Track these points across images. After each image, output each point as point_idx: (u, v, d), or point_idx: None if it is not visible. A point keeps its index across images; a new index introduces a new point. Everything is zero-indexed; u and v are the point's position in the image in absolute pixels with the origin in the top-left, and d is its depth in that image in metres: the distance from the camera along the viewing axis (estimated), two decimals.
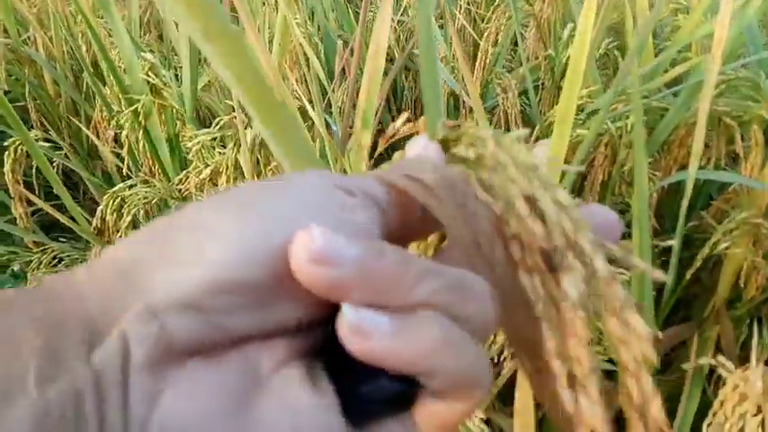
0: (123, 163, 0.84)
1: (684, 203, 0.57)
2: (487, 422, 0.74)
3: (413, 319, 0.15)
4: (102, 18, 1.04)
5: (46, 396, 0.13)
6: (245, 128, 0.62)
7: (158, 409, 0.14)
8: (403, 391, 0.16)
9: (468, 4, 1.21)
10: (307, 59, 0.61)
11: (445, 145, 0.21)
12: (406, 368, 0.15)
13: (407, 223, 0.18)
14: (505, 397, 0.83)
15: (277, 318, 0.15)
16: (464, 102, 1.00)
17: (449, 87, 1.13)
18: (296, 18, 0.62)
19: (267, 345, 0.16)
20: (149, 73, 0.69)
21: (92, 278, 0.15)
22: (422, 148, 0.20)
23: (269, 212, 0.16)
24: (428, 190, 0.17)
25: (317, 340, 0.17)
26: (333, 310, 0.15)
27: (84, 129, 0.94)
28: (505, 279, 0.18)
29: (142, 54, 0.69)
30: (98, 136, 1.18)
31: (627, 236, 0.75)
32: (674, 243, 0.56)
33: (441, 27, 1.21)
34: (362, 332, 0.15)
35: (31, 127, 1.34)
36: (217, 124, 0.69)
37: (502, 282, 0.17)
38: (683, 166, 0.78)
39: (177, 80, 0.76)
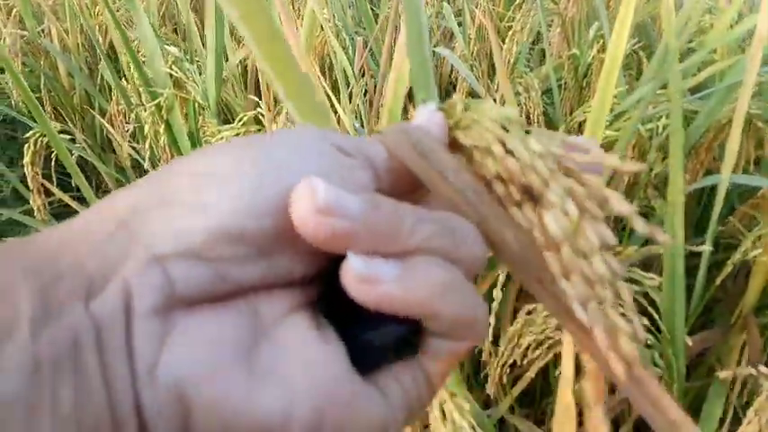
0: (140, 156, 0.83)
1: (717, 208, 0.56)
2: (503, 423, 0.74)
3: (414, 263, 0.16)
4: (118, 11, 1.03)
5: (37, 344, 0.12)
6: (272, 124, 0.61)
7: (166, 353, 0.14)
8: (407, 334, 0.16)
9: (488, 1, 1.20)
10: (335, 54, 0.61)
11: None
12: (411, 311, 0.16)
13: (398, 188, 0.19)
14: (523, 401, 0.82)
15: (279, 269, 0.15)
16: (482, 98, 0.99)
17: (468, 86, 1.12)
18: (324, 13, 0.61)
19: (272, 295, 0.16)
20: (173, 66, 0.68)
21: (87, 228, 0.15)
22: (427, 117, 0.20)
23: (270, 164, 0.16)
24: (416, 154, 0.18)
25: (318, 294, 0.17)
26: (330, 265, 0.16)
27: (102, 122, 0.93)
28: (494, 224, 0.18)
29: (166, 47, 0.68)
30: (113, 128, 1.18)
31: (652, 241, 0.74)
32: (705, 248, 0.55)
33: (459, 24, 1.20)
34: (371, 279, 0.15)
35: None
36: (240, 120, 0.68)
37: (491, 232, 0.18)
38: (709, 171, 0.77)
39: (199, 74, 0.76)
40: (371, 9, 1.35)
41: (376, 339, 0.16)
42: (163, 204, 0.15)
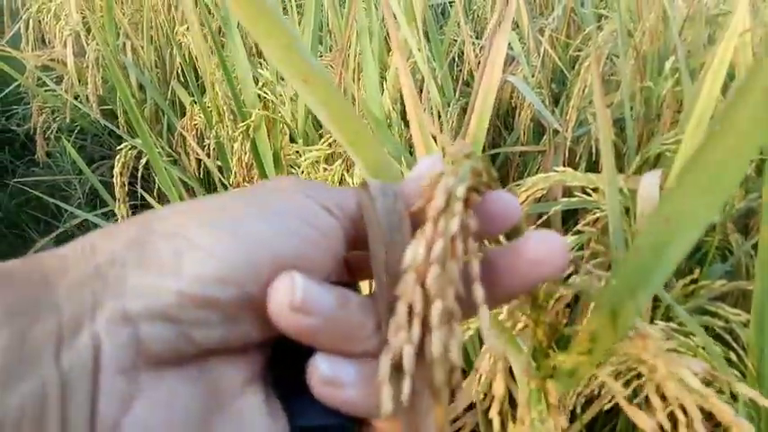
0: (221, 173, 0.87)
1: None
2: None
3: (374, 367, 0.16)
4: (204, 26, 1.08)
5: (7, 400, 0.13)
6: None
7: (131, 414, 0.14)
8: (347, 424, 0.17)
9: (552, 31, 1.21)
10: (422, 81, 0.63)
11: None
12: (366, 414, 0.16)
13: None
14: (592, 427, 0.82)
15: (242, 334, 0.16)
16: (548, 126, 1.00)
17: (531, 112, 1.13)
18: (415, 40, 0.64)
19: (232, 360, 0.16)
20: (264, 89, 0.72)
21: (65, 268, 0.15)
22: (428, 168, 0.19)
23: (246, 232, 0.16)
24: (369, 209, 0.18)
25: (269, 358, 0.17)
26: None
27: (186, 135, 0.97)
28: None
29: (259, 71, 0.72)
30: (185, 142, 1.23)
31: (730, 275, 0.73)
32: None
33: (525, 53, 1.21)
34: (334, 383, 0.16)
35: (117, 128, 1.41)
36: (325, 140, 0.71)
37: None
38: None
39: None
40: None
41: (316, 424, 0.17)
42: (140, 261, 0.15)
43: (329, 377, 0.16)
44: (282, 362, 0.17)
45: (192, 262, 0.15)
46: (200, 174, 1.23)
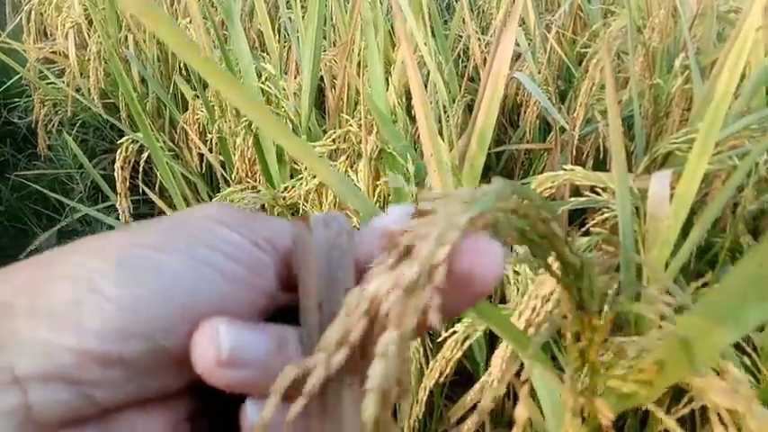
0: (223, 168, 0.86)
1: None
2: None
3: None
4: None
5: None
6: (364, 141, 0.63)
7: None
8: None
9: (559, 27, 1.20)
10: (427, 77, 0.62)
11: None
12: None
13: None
14: None
15: (158, 386, 0.15)
16: (554, 124, 0.99)
17: (538, 108, 1.12)
18: (422, 38, 0.63)
19: (147, 413, 0.15)
20: (267, 83, 0.70)
21: None
22: (394, 221, 0.17)
23: (155, 272, 0.14)
24: (304, 243, 0.16)
25: (196, 403, 0.16)
26: None
27: (188, 130, 0.96)
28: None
29: (262, 65, 0.71)
30: (187, 137, 1.22)
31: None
32: None
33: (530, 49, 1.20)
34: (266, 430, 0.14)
35: (119, 122, 1.40)
36: (329, 137, 0.70)
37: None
38: None
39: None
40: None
41: None
42: (32, 310, 0.13)
43: (259, 426, 0.15)
44: (215, 403, 0.16)
45: (91, 313, 0.13)
46: (202, 168, 1.22)
